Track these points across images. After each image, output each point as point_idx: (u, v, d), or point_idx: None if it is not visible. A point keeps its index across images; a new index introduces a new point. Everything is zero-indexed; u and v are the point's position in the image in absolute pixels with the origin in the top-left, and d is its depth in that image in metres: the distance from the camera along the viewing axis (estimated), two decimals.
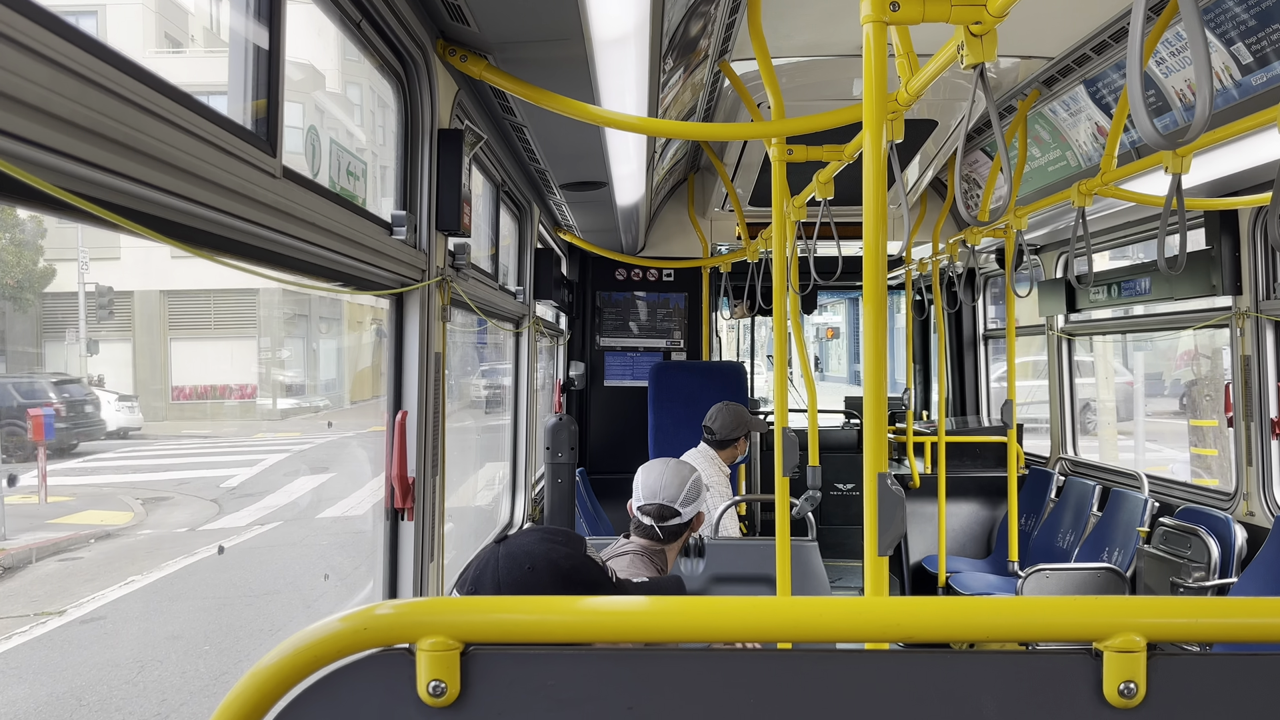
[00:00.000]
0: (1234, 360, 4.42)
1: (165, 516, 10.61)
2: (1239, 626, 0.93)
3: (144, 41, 11.55)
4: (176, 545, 9.32)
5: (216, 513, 10.71)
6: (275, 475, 13.02)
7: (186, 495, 11.50)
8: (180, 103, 1.23)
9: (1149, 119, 1.20)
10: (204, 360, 16.60)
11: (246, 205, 1.42)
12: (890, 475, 1.81)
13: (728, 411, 4.68)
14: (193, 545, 9.23)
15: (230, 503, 11.18)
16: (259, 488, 12.09)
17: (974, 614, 0.95)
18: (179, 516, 10.65)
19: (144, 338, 15.91)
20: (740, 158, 5.07)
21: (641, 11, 2.08)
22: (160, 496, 11.31)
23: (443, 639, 0.91)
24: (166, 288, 15.50)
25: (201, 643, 6.97)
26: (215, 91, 1.40)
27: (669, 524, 2.87)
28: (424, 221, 2.41)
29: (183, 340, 16.18)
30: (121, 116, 1.09)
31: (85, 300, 13.17)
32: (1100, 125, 4.24)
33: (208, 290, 15.90)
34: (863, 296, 1.85)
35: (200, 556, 8.86)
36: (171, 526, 10.23)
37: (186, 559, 8.77)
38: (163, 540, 9.65)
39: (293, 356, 18.40)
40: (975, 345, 7.73)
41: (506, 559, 1.72)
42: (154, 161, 1.16)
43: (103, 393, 13.66)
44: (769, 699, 0.93)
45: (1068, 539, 5.47)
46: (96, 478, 12.30)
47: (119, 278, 14.49)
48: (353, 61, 10.12)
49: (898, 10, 1.79)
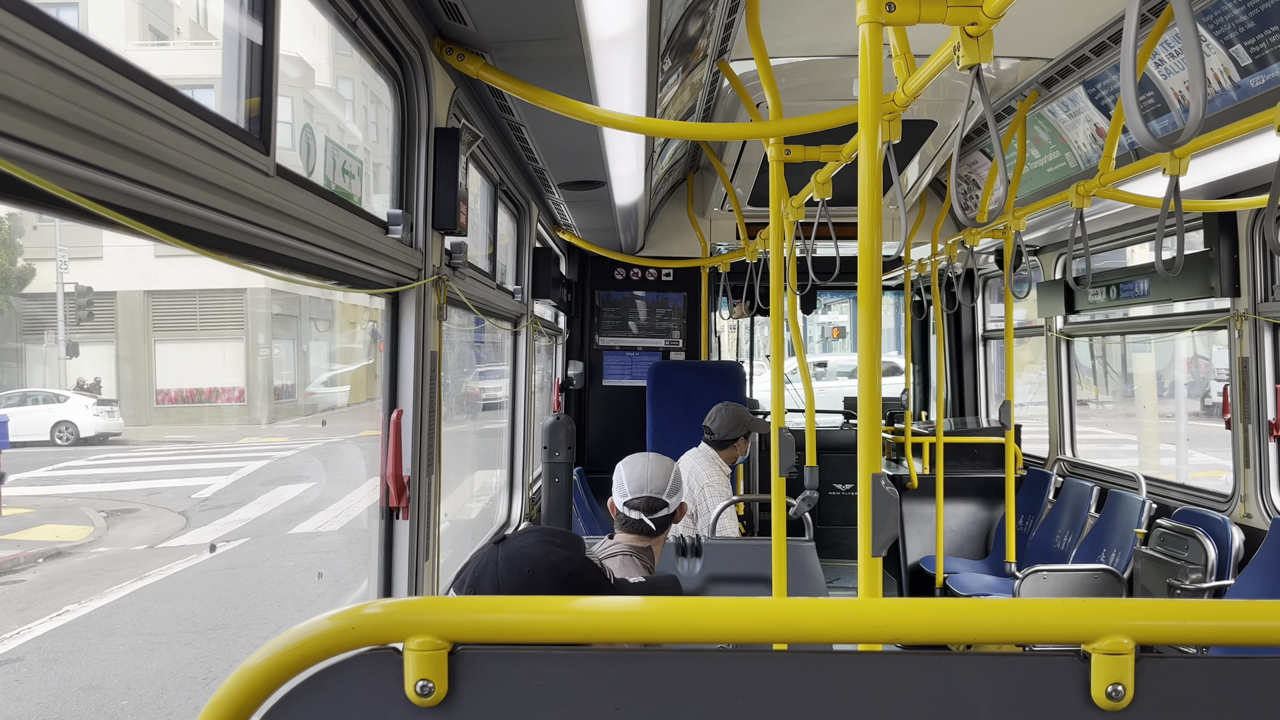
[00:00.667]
0: (1232, 362, 4.42)
1: (127, 531, 9.84)
2: (1227, 629, 0.93)
3: (126, 34, 11.34)
4: (131, 565, 8.54)
5: (182, 526, 9.95)
6: (252, 484, 12.20)
7: (155, 507, 10.72)
8: (172, 100, 1.23)
9: (1142, 123, 1.20)
10: (190, 362, 16.19)
11: (240, 203, 1.42)
12: (884, 476, 1.81)
13: (727, 412, 4.69)
14: (148, 566, 8.45)
15: (200, 515, 10.41)
16: (233, 498, 11.29)
17: (963, 616, 0.96)
18: (141, 531, 9.86)
19: (127, 339, 15.39)
20: (739, 158, 5.06)
21: (639, 11, 2.08)
22: (127, 508, 10.59)
23: (430, 638, 0.91)
24: (151, 288, 15.03)
25: (120, 696, 6.00)
26: (200, 85, 1.40)
27: (658, 515, 2.87)
28: (420, 220, 2.41)
29: (168, 342, 15.71)
30: (112, 114, 1.09)
31: (64, 301, 12.78)
32: (1099, 126, 4.24)
33: (194, 290, 15.44)
34: (858, 297, 1.85)
35: (150, 580, 8.05)
36: (130, 543, 9.44)
37: (134, 583, 7.94)
38: (118, 560, 8.87)
39: (282, 357, 18.08)
40: (974, 346, 7.73)
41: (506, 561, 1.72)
42: (145, 159, 1.16)
43: (79, 396, 13.27)
44: (758, 699, 0.93)
45: (1065, 540, 5.47)
46: (63, 487, 11.56)
47: (101, 277, 14.03)
48: (344, 56, 10.02)
49: (894, 11, 1.79)
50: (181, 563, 8.57)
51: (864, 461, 1.82)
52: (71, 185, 1.06)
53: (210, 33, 11.34)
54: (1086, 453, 6.27)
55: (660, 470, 2.95)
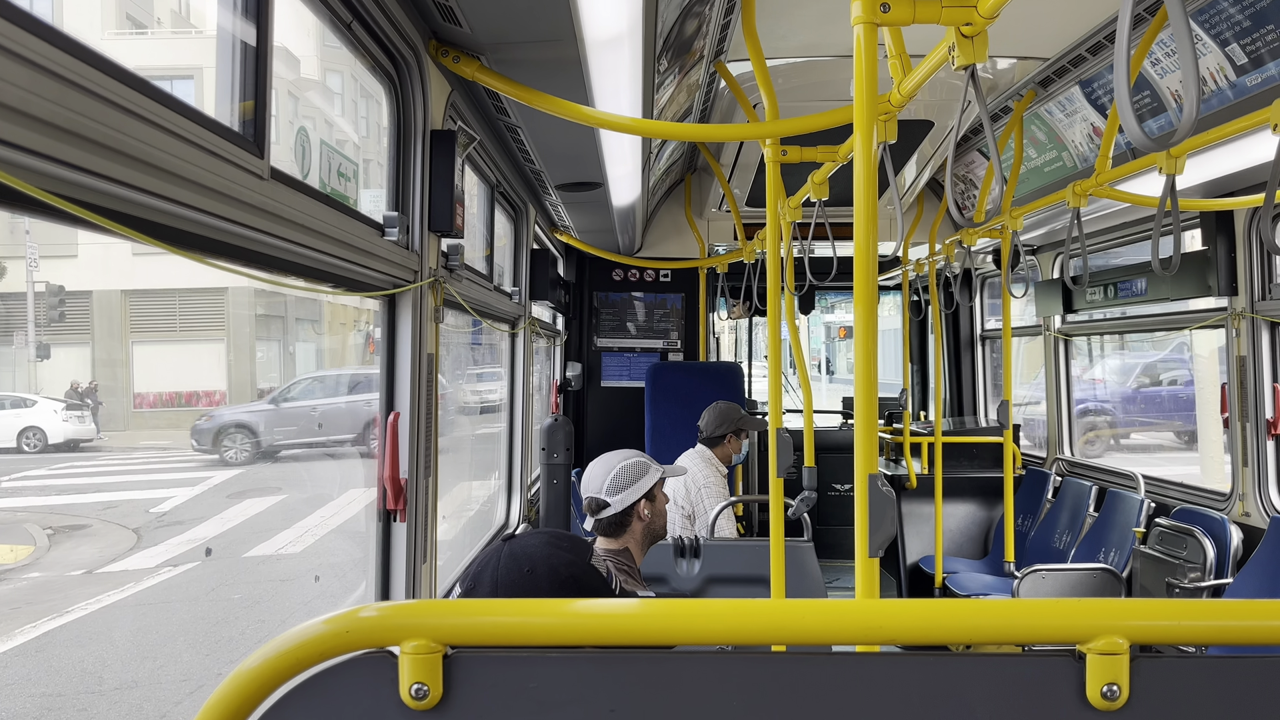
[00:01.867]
0: (1229, 361, 4.43)
1: (69, 553, 8.56)
2: (1222, 629, 0.93)
3: (103, 22, 11.04)
4: (58, 597, 7.27)
5: (132, 546, 8.68)
6: (218, 497, 10.93)
7: (109, 523, 9.45)
8: (166, 104, 1.23)
9: (1136, 122, 1.20)
10: (170, 364, 15.66)
11: (234, 207, 1.42)
12: (881, 476, 1.81)
13: (715, 409, 4.70)
14: (76, 598, 7.13)
15: (154, 532, 9.16)
16: (195, 512, 10.05)
17: (959, 616, 0.96)
18: (84, 553, 8.58)
19: (103, 341, 14.48)
20: (736, 158, 5.07)
21: (634, 12, 2.08)
22: (78, 524, 9.30)
23: (425, 642, 0.91)
24: (128, 287, 14.14)
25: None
26: (180, 76, 1.39)
27: (602, 517, 2.84)
28: (416, 222, 2.41)
29: (146, 343, 14.82)
30: (104, 119, 1.09)
31: (35, 301, 12.26)
32: (1096, 126, 4.24)
33: (173, 290, 14.54)
34: (854, 297, 1.85)
35: (70, 617, 6.68)
36: (68, 567, 8.15)
37: (51, 621, 6.56)
38: (45, 589, 7.57)
39: (266, 360, 17.66)
40: (972, 346, 7.74)
41: (508, 558, 1.72)
42: (139, 164, 1.16)
43: (47, 401, 12.81)
44: (756, 701, 0.93)
45: (1064, 539, 5.47)
46: (12, 500, 10.18)
47: (76, 276, 13.31)
48: (332, 49, 9.84)
49: (888, 11, 1.79)
50: (116, 593, 7.33)
51: (861, 462, 1.82)
52: (65, 190, 1.06)
53: (191, 22, 11.14)
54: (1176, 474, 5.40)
55: (600, 469, 2.90)
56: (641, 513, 2.87)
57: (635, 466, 2.90)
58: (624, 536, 2.87)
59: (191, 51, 9.18)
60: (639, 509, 2.86)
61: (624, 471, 2.87)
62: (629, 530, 2.87)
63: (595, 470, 2.91)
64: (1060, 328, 6.14)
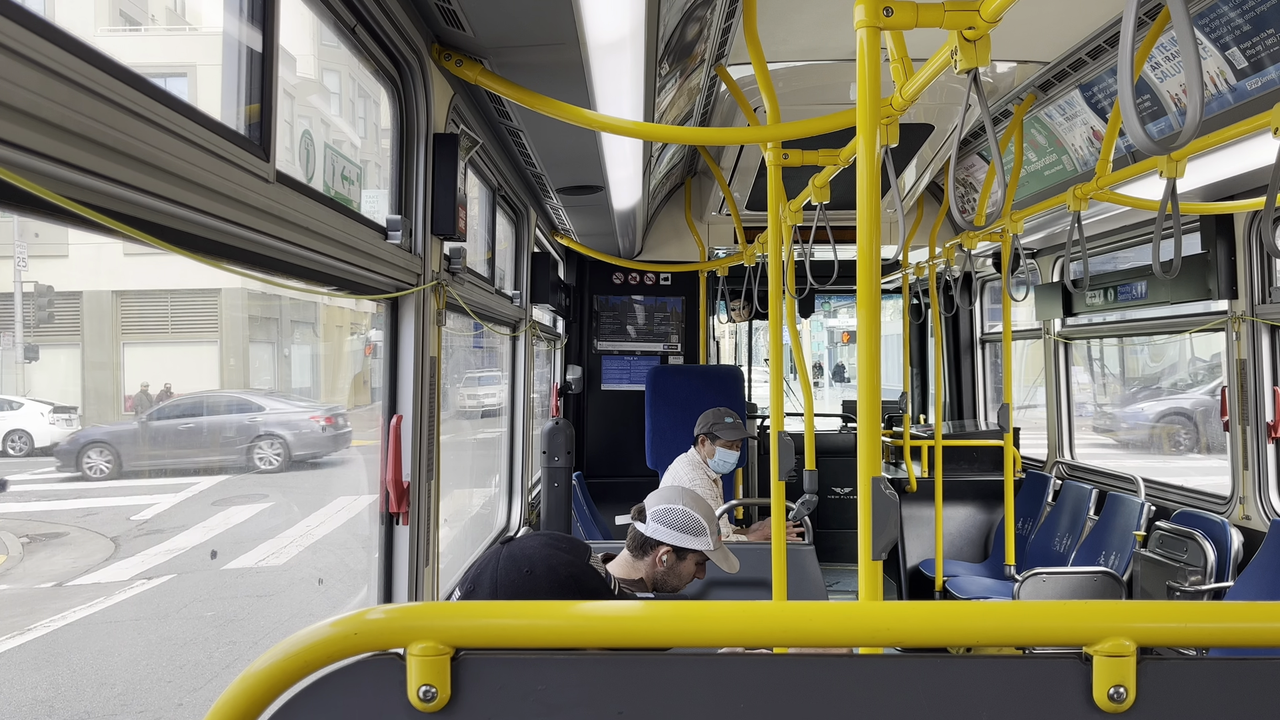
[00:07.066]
0: (1230, 364, 4.43)
1: (43, 563, 8.13)
2: (1228, 631, 0.93)
3: (95, 19, 10.95)
4: (21, 613, 6.79)
5: (108, 556, 8.27)
6: (202, 504, 10.39)
7: (87, 530, 8.99)
8: (173, 107, 1.23)
9: (1140, 125, 1.20)
10: (161, 366, 15.50)
11: (240, 210, 1.43)
12: (884, 479, 1.81)
13: (704, 413, 4.72)
14: (40, 614, 6.68)
15: (133, 541, 8.69)
16: (177, 520, 9.57)
17: (964, 618, 0.96)
18: (58, 563, 8.13)
19: (94, 342, 14.81)
20: (737, 162, 5.07)
21: (636, 16, 2.08)
22: (56, 531, 8.89)
23: (433, 644, 0.92)
24: (120, 287, 13.70)
25: None
26: (174, 73, 1.40)
27: (633, 527, 2.81)
28: (419, 226, 2.41)
29: (137, 345, 14.40)
30: (113, 121, 1.09)
31: (23, 301, 12.11)
32: (1096, 129, 4.25)
33: (166, 290, 14.18)
34: (856, 301, 1.85)
35: (30, 635, 6.25)
36: (39, 579, 7.69)
37: (9, 640, 6.11)
38: (10, 604, 7.10)
39: (260, 363, 17.54)
40: (972, 349, 7.74)
41: (508, 559, 1.73)
42: (146, 166, 1.17)
43: (34, 403, 12.62)
44: (760, 702, 0.93)
45: (1064, 543, 5.47)
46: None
47: (66, 276, 12.93)
48: (329, 48, 9.74)
49: (891, 15, 1.80)
50: (84, 608, 6.87)
51: (864, 465, 1.82)
52: (71, 192, 1.06)
53: (186, 20, 11.07)
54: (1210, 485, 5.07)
55: (669, 494, 2.85)
56: (660, 558, 2.77)
57: (692, 522, 2.78)
58: (640, 564, 2.80)
59: (185, 49, 9.15)
60: (659, 554, 2.77)
61: (681, 515, 2.77)
62: (645, 560, 2.80)
63: (667, 493, 2.85)
64: (1060, 331, 6.14)
